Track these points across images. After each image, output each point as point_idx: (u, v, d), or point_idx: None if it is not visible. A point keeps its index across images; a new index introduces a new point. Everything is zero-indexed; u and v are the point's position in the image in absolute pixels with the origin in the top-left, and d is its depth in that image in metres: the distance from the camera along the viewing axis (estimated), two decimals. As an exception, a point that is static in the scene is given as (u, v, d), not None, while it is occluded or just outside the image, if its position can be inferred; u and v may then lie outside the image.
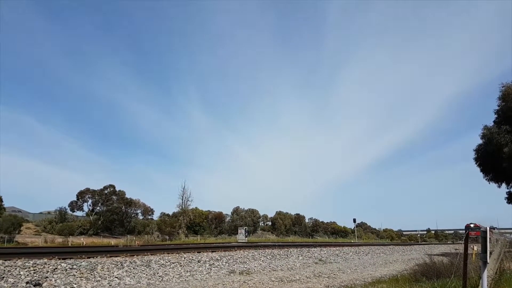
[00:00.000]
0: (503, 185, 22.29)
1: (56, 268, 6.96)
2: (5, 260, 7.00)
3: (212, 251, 12.18)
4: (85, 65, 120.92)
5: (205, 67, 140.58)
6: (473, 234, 29.66)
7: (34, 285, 6.10)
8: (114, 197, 57.76)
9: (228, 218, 74.15)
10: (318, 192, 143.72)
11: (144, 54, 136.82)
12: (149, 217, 67.59)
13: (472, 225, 31.32)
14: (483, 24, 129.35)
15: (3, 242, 33.83)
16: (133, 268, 8.04)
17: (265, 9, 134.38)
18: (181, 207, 53.10)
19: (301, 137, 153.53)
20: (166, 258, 9.45)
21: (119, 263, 8.11)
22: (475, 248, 10.26)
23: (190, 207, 56.01)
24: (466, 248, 5.59)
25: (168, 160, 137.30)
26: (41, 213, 61.87)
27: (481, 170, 22.15)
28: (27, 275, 6.40)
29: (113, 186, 57.95)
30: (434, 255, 16.12)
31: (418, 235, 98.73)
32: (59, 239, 39.05)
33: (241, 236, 38.78)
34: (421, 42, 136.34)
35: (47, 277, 6.54)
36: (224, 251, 12.63)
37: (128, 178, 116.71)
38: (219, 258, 10.49)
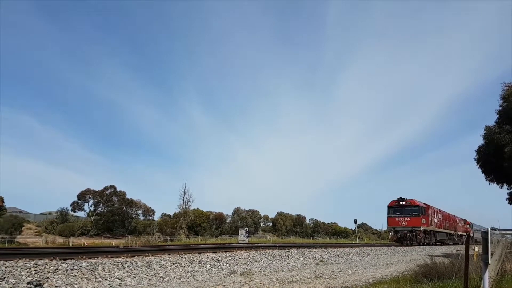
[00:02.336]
0: (505, 185, 22.23)
1: (57, 269, 6.96)
2: (6, 261, 7.00)
3: (213, 252, 12.18)
4: (85, 65, 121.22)
5: (205, 67, 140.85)
6: (404, 224, 26.47)
7: (35, 286, 6.10)
8: (115, 197, 57.83)
9: (229, 219, 74.14)
10: (319, 192, 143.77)
11: (145, 55, 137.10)
12: (150, 217, 67.68)
13: (403, 202, 29.95)
14: (483, 24, 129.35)
15: (4, 242, 33.87)
16: (134, 269, 8.04)
17: (265, 10, 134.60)
18: (182, 207, 53.17)
19: (302, 138, 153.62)
20: (167, 258, 9.45)
21: (120, 263, 8.11)
22: (476, 249, 10.25)
23: (191, 208, 56.13)
24: (467, 249, 5.59)
25: (168, 160, 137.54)
26: (42, 213, 61.99)
27: (483, 171, 22.09)
28: (28, 275, 6.40)
29: (114, 187, 58.04)
30: (435, 256, 16.08)
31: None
32: (60, 240, 39.10)
33: (242, 237, 38.78)
34: (421, 42, 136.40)
35: (48, 277, 6.54)
36: (225, 251, 12.62)
37: (128, 178, 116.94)
38: (220, 258, 10.49)
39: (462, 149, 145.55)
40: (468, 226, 52.50)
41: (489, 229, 5.28)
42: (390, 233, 32.31)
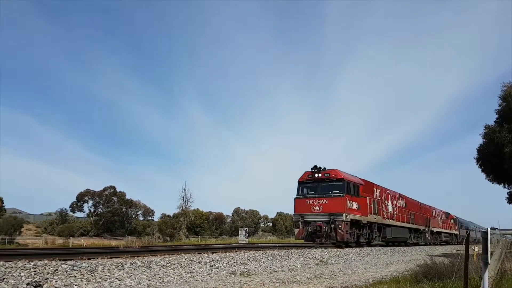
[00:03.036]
0: (506, 185, 22.27)
1: (57, 270, 6.95)
2: (6, 262, 6.98)
3: (213, 252, 12.16)
4: (85, 65, 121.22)
5: (205, 67, 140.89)
6: (317, 210, 18.54)
7: (35, 287, 6.09)
8: (114, 198, 57.83)
9: (228, 219, 74.14)
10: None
11: (144, 55, 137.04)
12: (150, 218, 67.70)
13: (318, 174, 20.60)
14: (483, 24, 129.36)
15: (4, 243, 33.83)
16: (134, 269, 8.02)
17: (265, 10, 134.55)
18: (181, 208, 53.13)
19: (302, 138, 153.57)
20: (167, 259, 9.44)
21: (119, 264, 8.09)
22: (476, 249, 10.26)
23: (191, 208, 56.10)
24: (467, 249, 5.59)
25: (168, 161, 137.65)
26: (41, 214, 61.95)
27: (482, 170, 22.14)
28: (28, 276, 6.39)
29: (114, 187, 58.04)
30: (435, 256, 16.09)
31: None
32: (59, 241, 39.09)
33: (241, 237, 38.76)
34: (421, 42, 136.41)
35: (47, 278, 6.53)
36: (225, 252, 12.61)
37: (128, 179, 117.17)
38: (219, 259, 10.48)
39: (462, 149, 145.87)
40: (452, 221, 42.98)
41: (489, 229, 5.28)
42: (299, 225, 19.64)
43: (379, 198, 23.28)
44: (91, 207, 56.56)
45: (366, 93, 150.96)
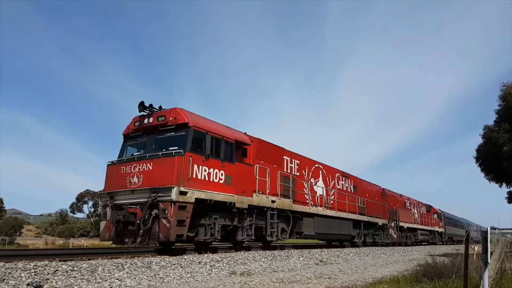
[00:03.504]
0: (504, 185, 22.33)
1: (57, 270, 6.95)
2: (6, 262, 7.00)
3: (213, 253, 12.18)
4: (85, 65, 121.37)
5: (205, 67, 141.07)
6: (135, 183, 10.52)
7: (35, 287, 6.11)
8: (114, 198, 57.83)
9: (228, 219, 73.99)
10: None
11: (145, 54, 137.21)
12: (150, 218, 67.63)
13: (149, 119, 11.94)
14: (483, 24, 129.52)
15: (4, 244, 33.85)
16: (134, 270, 8.03)
17: (265, 10, 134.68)
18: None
19: (302, 137, 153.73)
20: (167, 259, 9.44)
21: (119, 264, 8.10)
22: (476, 248, 10.27)
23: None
24: (467, 249, 5.61)
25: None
26: (41, 215, 62.05)
27: (482, 170, 22.23)
28: (28, 277, 6.40)
29: (114, 188, 58.02)
30: (436, 255, 16.10)
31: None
32: (59, 241, 39.14)
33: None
34: (421, 42, 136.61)
35: (48, 279, 6.54)
36: (225, 252, 12.63)
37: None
38: (219, 259, 10.49)
39: (462, 149, 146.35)
40: (435, 216, 35.66)
41: (488, 228, 5.30)
42: (106, 213, 10.60)
43: (297, 174, 15.60)
44: (91, 208, 56.63)
45: (366, 93, 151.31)
